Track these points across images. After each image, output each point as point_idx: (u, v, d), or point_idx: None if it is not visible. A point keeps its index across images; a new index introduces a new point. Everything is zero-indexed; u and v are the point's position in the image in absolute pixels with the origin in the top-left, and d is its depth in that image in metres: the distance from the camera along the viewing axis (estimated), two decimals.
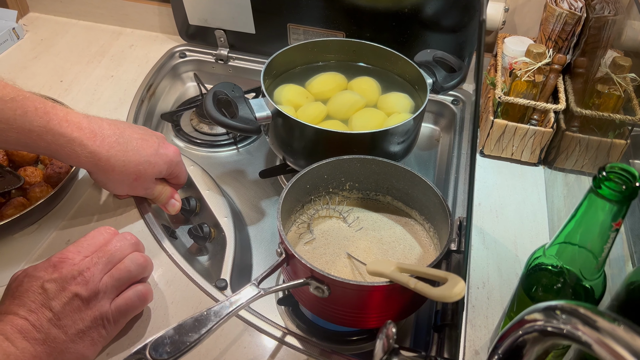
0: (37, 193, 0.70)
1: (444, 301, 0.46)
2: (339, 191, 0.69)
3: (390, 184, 0.67)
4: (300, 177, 0.62)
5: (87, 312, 0.53)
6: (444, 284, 0.46)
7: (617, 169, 0.39)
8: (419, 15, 0.86)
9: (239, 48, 1.02)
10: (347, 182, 0.68)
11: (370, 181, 0.68)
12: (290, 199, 0.63)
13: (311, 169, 0.63)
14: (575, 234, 0.43)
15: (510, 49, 0.86)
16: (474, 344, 0.61)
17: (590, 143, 0.72)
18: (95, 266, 0.55)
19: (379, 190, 0.69)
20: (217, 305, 0.49)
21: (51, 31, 1.10)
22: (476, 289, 0.67)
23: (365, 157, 0.65)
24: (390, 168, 0.65)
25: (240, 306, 0.50)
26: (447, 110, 0.95)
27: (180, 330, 0.45)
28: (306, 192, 0.66)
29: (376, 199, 0.69)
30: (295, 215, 0.66)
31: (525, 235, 0.74)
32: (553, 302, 0.33)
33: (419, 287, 0.47)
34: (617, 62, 0.68)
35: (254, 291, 0.52)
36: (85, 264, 0.55)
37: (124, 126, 0.67)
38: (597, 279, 0.45)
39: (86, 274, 0.54)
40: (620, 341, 0.29)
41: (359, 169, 0.66)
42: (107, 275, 0.56)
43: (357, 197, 0.70)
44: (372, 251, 0.63)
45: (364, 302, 0.54)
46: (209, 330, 0.46)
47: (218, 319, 0.47)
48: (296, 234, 0.65)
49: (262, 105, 0.71)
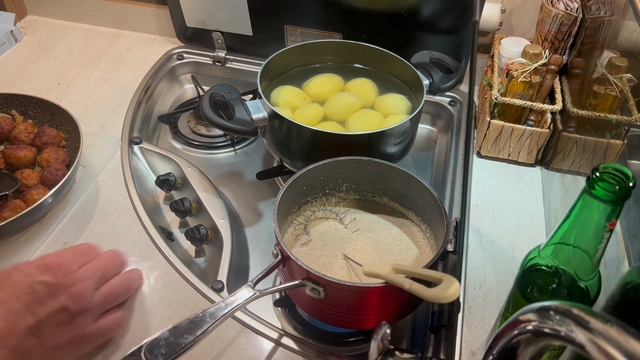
0: (34, 196, 0.70)
1: (438, 302, 0.46)
2: (336, 192, 0.69)
3: (386, 185, 0.67)
4: (296, 179, 0.62)
5: (69, 328, 0.49)
6: (438, 285, 0.46)
7: (611, 169, 0.39)
8: (415, 17, 0.86)
9: (236, 50, 1.03)
10: (344, 184, 0.68)
11: (367, 182, 0.68)
12: (287, 201, 0.63)
13: (307, 170, 0.63)
14: (569, 234, 0.43)
15: (507, 49, 0.86)
16: (470, 345, 0.61)
17: (587, 144, 0.72)
18: (89, 280, 0.52)
19: (376, 191, 0.69)
20: (213, 307, 0.49)
21: (49, 34, 1.10)
22: (473, 289, 0.67)
23: (361, 158, 0.65)
24: (386, 169, 0.65)
25: (236, 308, 0.50)
26: (445, 111, 0.95)
27: (176, 332, 0.45)
28: (303, 194, 0.66)
29: (373, 200, 0.69)
30: (292, 217, 0.66)
31: (522, 236, 0.74)
32: (547, 302, 0.33)
33: (413, 288, 0.47)
34: (614, 63, 0.68)
35: (250, 293, 0.52)
36: (80, 274, 0.52)
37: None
38: (592, 280, 0.45)
39: (79, 287, 0.51)
40: (613, 342, 0.29)
41: (355, 170, 0.66)
42: (98, 293, 0.53)
43: (353, 198, 0.70)
44: (368, 252, 0.62)
45: (360, 303, 0.54)
46: (204, 332, 0.46)
47: (213, 320, 0.47)
48: (293, 236, 0.65)
49: (259, 107, 0.71)
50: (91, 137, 0.83)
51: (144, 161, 0.85)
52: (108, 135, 0.87)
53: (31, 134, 0.79)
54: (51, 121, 0.82)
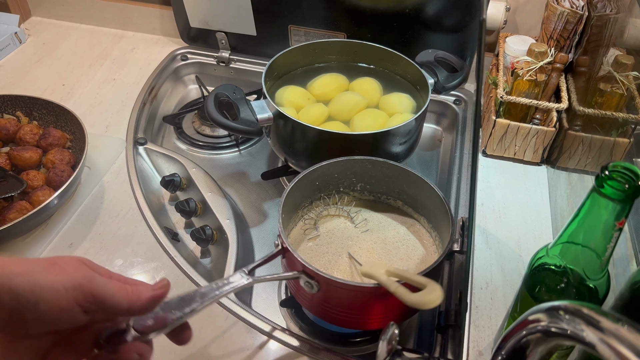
0: (40, 197, 0.70)
1: (419, 307, 0.47)
2: (350, 191, 0.69)
3: (400, 189, 0.67)
4: (308, 173, 0.62)
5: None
6: (422, 291, 0.46)
7: (620, 168, 0.38)
8: (420, 16, 0.86)
9: (240, 50, 1.03)
10: (359, 183, 0.68)
11: (382, 184, 0.67)
12: (298, 194, 0.63)
13: (320, 166, 0.63)
14: (578, 233, 0.43)
15: (512, 48, 0.86)
16: (477, 345, 0.61)
17: (593, 142, 0.72)
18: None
19: (390, 194, 0.68)
20: (204, 288, 0.48)
21: (53, 35, 1.10)
22: (479, 289, 0.67)
23: (376, 159, 0.65)
24: (400, 172, 0.64)
25: (227, 291, 0.49)
26: (450, 110, 0.95)
27: (165, 307, 0.44)
28: (315, 189, 0.66)
29: (387, 202, 0.69)
30: (302, 211, 0.67)
31: (529, 235, 0.74)
32: (556, 302, 0.33)
33: (398, 292, 0.48)
34: (620, 61, 0.67)
35: (243, 278, 0.51)
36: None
37: None
38: (601, 279, 0.45)
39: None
40: (624, 341, 0.29)
41: (370, 170, 0.66)
42: None
43: (368, 199, 0.69)
44: (375, 251, 0.62)
45: (356, 302, 0.54)
46: (192, 311, 0.45)
47: (203, 300, 0.46)
48: (302, 230, 0.65)
49: (264, 107, 0.71)
50: (96, 138, 0.83)
51: (149, 162, 0.85)
52: (113, 136, 0.87)
53: (36, 136, 0.79)
54: (56, 122, 0.82)
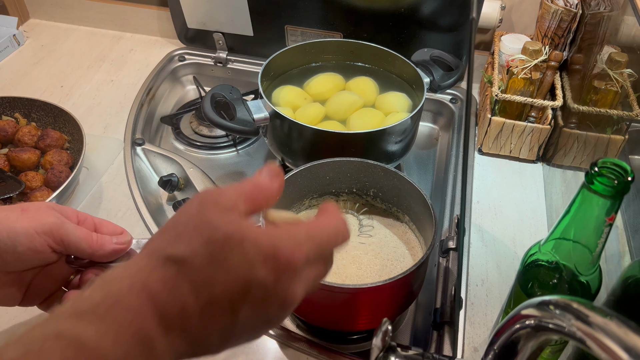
0: (38, 198, 0.70)
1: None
2: (363, 195, 0.69)
3: (408, 204, 0.65)
4: (316, 165, 0.63)
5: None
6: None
7: (609, 164, 0.39)
8: (415, 15, 0.86)
9: (237, 50, 1.03)
10: (371, 188, 0.68)
11: (393, 195, 0.67)
12: (304, 181, 0.64)
13: (332, 161, 0.64)
14: (569, 229, 0.43)
15: (507, 46, 0.86)
16: (473, 341, 0.61)
17: (588, 139, 0.72)
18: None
19: (400, 207, 0.67)
20: None
21: (52, 37, 1.11)
22: (475, 286, 0.67)
23: (388, 167, 0.64)
24: (408, 186, 0.62)
25: None
26: (446, 109, 0.95)
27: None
28: (326, 183, 0.66)
29: (397, 215, 0.68)
30: (310, 201, 0.68)
31: (525, 233, 0.74)
32: (547, 297, 0.34)
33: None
34: (614, 58, 0.68)
35: None
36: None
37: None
38: (593, 274, 0.45)
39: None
40: (613, 336, 0.29)
41: (382, 178, 0.65)
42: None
43: (380, 207, 0.69)
44: (366, 252, 0.63)
45: (333, 302, 0.54)
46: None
47: None
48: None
49: (260, 107, 0.72)
50: (94, 139, 0.84)
51: (147, 162, 0.85)
52: (111, 136, 0.87)
53: (35, 137, 0.79)
54: (54, 123, 0.82)
